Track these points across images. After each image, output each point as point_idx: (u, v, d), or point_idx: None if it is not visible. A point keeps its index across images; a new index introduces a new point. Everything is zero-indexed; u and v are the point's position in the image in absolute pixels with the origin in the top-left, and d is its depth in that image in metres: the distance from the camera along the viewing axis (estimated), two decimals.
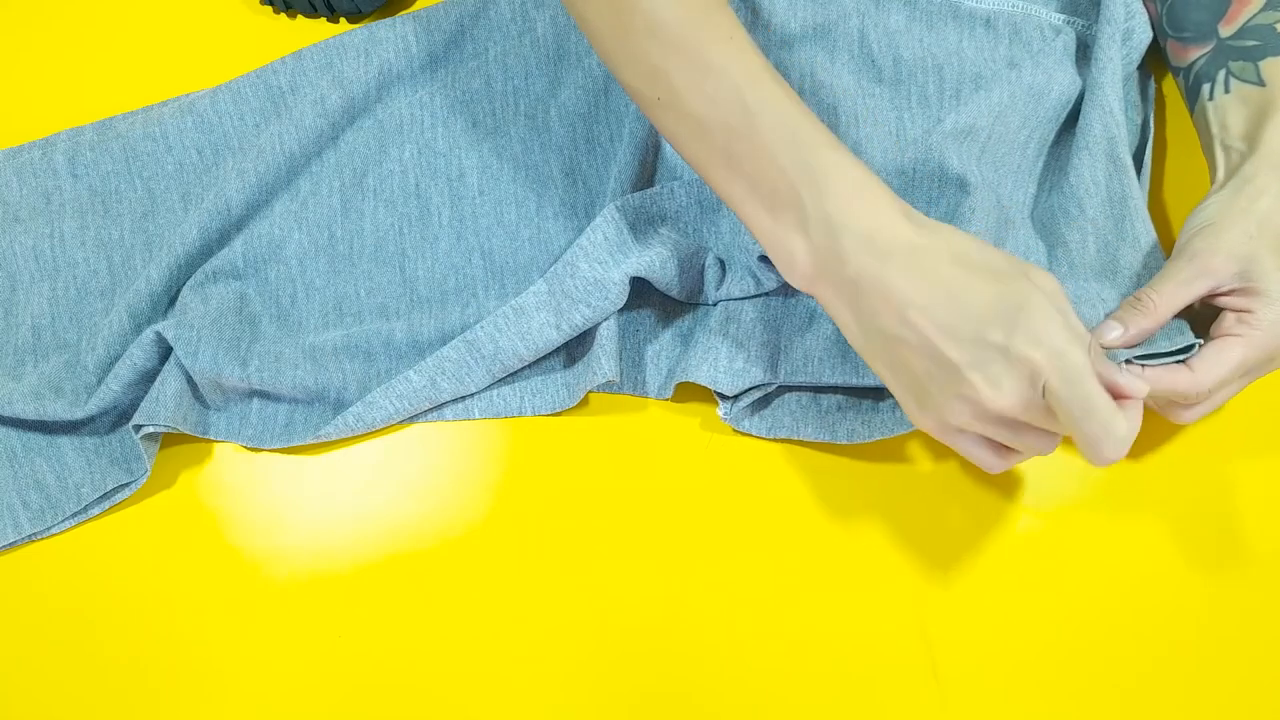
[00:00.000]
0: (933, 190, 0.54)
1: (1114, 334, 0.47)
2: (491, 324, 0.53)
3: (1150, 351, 0.47)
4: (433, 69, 0.60)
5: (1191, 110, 0.54)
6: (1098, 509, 0.53)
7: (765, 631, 0.51)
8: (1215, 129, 0.51)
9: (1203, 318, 0.48)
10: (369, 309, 0.57)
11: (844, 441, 0.52)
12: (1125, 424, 0.41)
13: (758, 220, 0.45)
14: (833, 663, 0.51)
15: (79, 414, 0.55)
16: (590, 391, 0.54)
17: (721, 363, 0.52)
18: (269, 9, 0.64)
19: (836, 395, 0.54)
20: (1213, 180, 0.51)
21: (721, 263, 0.54)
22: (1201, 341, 0.47)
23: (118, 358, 0.56)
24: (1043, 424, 0.42)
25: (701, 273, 0.55)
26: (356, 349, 0.55)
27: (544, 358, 0.55)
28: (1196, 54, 0.53)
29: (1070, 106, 0.57)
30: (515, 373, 0.55)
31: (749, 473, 0.54)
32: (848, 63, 0.58)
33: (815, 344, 0.52)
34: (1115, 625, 0.51)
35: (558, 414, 0.55)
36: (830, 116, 0.57)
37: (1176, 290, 0.47)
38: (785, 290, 0.54)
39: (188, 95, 0.61)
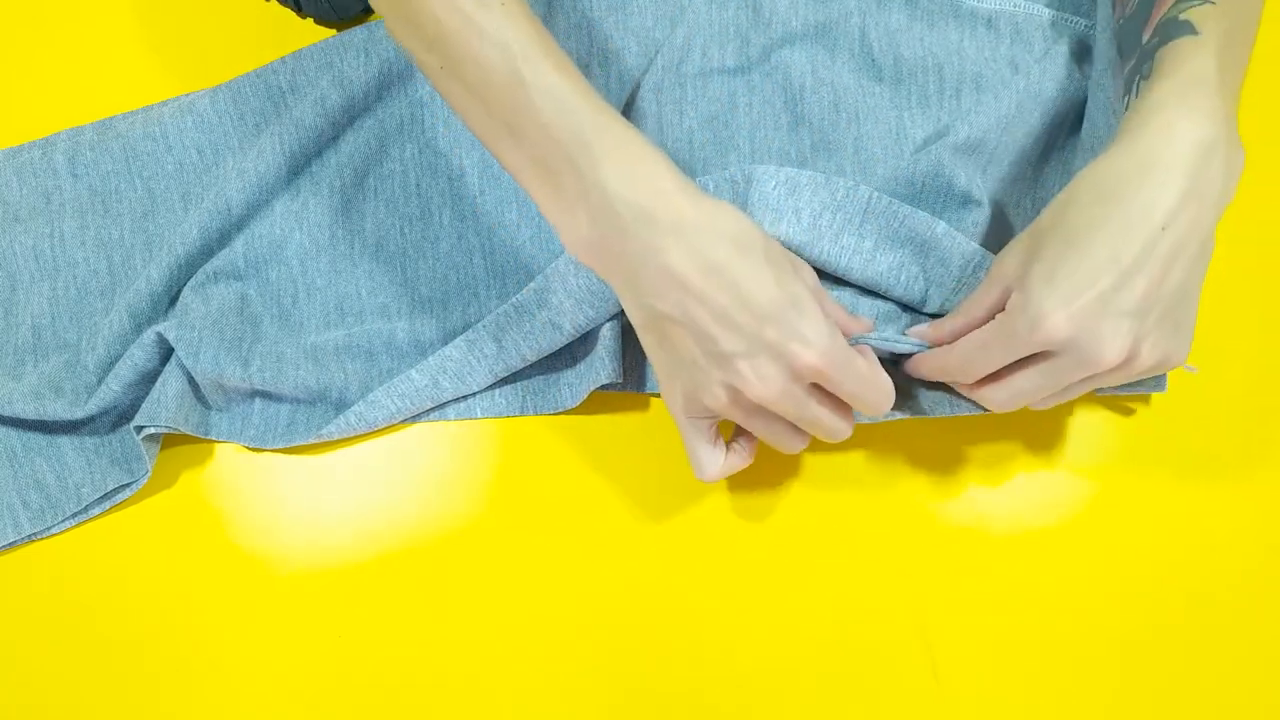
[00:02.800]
0: (938, 203, 0.53)
1: (917, 336, 0.49)
2: (494, 323, 0.53)
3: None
4: None
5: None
6: (1098, 509, 0.53)
7: (765, 631, 0.52)
8: None
9: None
10: (370, 309, 0.57)
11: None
12: (886, 378, 0.45)
13: (540, 193, 0.44)
14: (833, 662, 0.51)
15: (79, 414, 0.55)
16: (593, 391, 0.54)
17: None
18: (269, 8, 0.64)
19: None
20: None
21: None
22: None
23: (118, 358, 0.56)
24: (790, 415, 0.44)
25: None
26: (358, 349, 0.55)
27: (546, 357, 0.55)
28: (1128, 68, 0.49)
29: (1074, 109, 0.57)
30: (517, 372, 0.55)
31: (749, 472, 0.54)
32: (848, 61, 0.58)
33: None
34: (1115, 625, 0.51)
35: (560, 414, 0.55)
36: (831, 114, 0.57)
37: (975, 298, 0.47)
38: None
39: (188, 95, 0.61)
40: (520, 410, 0.55)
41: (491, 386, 0.55)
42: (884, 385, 0.45)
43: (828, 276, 0.53)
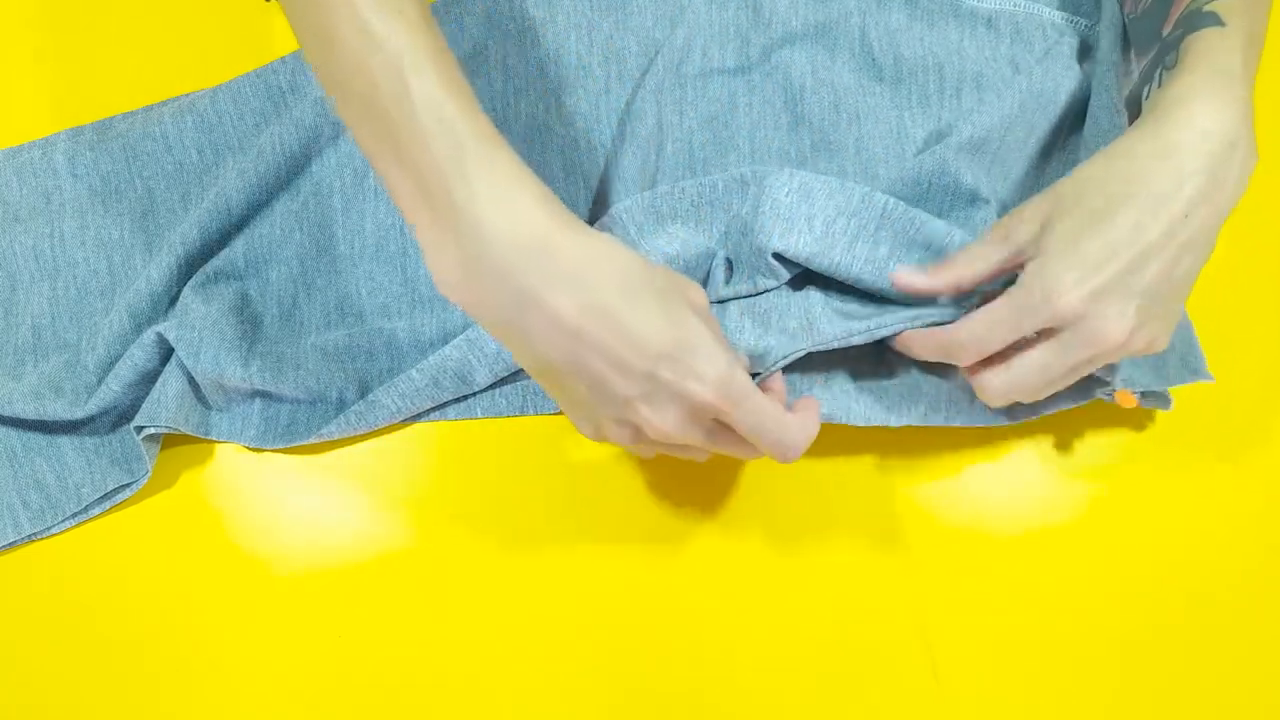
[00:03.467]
0: (945, 202, 0.53)
1: (908, 276, 0.47)
2: None
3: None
4: None
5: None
6: (1098, 509, 0.53)
7: (765, 631, 0.51)
8: None
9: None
10: (371, 309, 0.57)
11: (860, 423, 0.52)
12: (796, 424, 0.42)
13: (419, 221, 0.40)
14: (833, 663, 0.51)
15: (79, 414, 0.55)
16: None
17: None
18: (269, 8, 0.64)
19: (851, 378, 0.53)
20: None
21: (729, 261, 0.54)
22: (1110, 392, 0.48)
23: (118, 358, 0.56)
24: (694, 444, 0.43)
25: (705, 278, 0.54)
26: (359, 349, 0.55)
27: None
28: (1146, 60, 0.50)
29: (1076, 107, 0.57)
30: (517, 372, 0.55)
31: (749, 473, 0.54)
32: (848, 61, 0.58)
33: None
34: (1115, 625, 0.51)
35: (560, 413, 0.55)
36: (831, 114, 0.57)
37: (980, 250, 0.46)
38: (791, 286, 0.54)
39: (188, 95, 0.61)
40: (520, 410, 0.55)
41: (491, 386, 0.55)
42: (787, 423, 0.42)
43: (834, 284, 0.53)
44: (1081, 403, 0.50)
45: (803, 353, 0.49)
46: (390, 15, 0.39)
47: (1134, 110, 0.51)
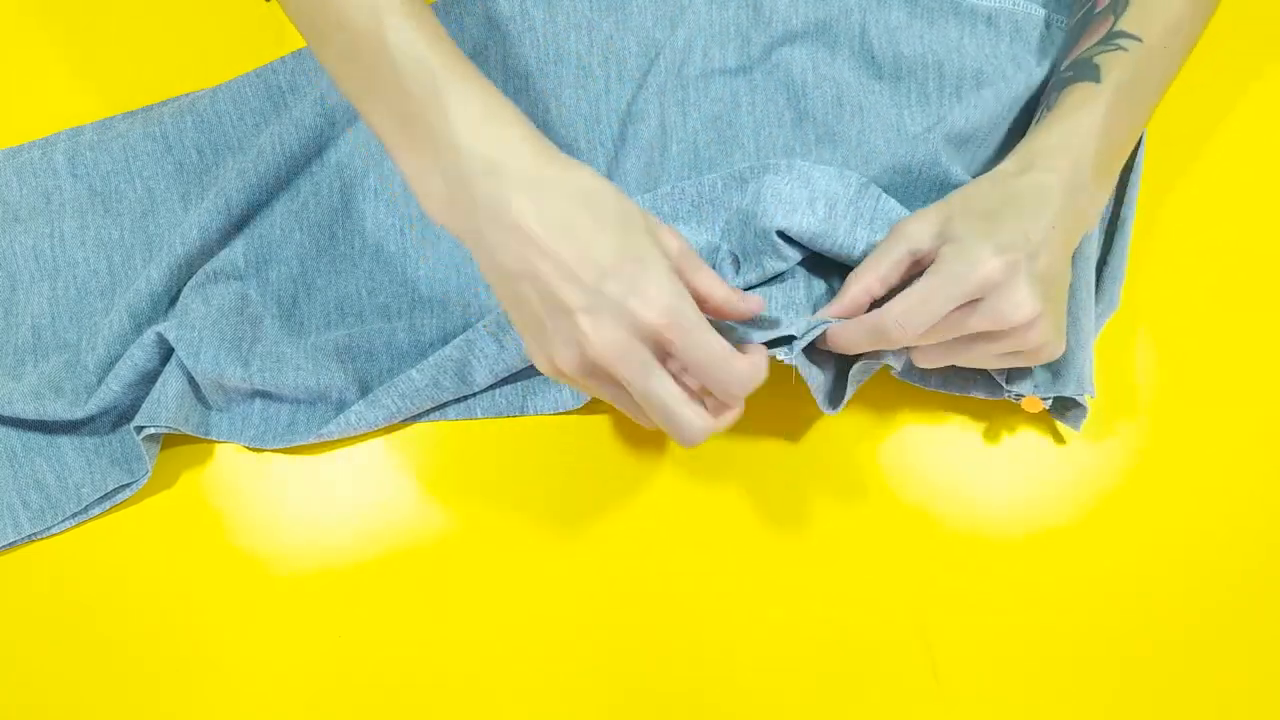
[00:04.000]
0: (931, 193, 0.54)
1: (837, 327, 0.49)
2: (494, 323, 0.53)
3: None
4: None
5: None
6: (1098, 509, 0.53)
7: (765, 631, 0.51)
8: None
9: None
10: (370, 309, 0.57)
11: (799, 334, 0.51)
12: (743, 363, 0.43)
13: (399, 154, 0.44)
14: (833, 663, 0.51)
15: (79, 414, 0.55)
16: None
17: None
18: (269, 8, 0.64)
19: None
20: None
21: (735, 255, 0.54)
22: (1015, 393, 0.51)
23: (118, 358, 0.56)
24: (634, 384, 0.42)
25: (714, 266, 0.54)
26: (358, 349, 0.55)
27: None
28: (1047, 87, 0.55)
29: None
30: (518, 372, 0.55)
31: (749, 472, 0.54)
32: (849, 59, 0.58)
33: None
34: (1115, 625, 0.51)
35: (561, 414, 0.55)
36: (834, 108, 0.57)
37: (881, 249, 0.49)
38: (803, 268, 0.54)
39: (188, 95, 0.61)
40: (520, 410, 0.55)
41: (491, 386, 0.55)
42: (734, 363, 0.42)
43: (837, 274, 0.53)
44: (992, 397, 0.52)
45: (813, 333, 0.49)
46: None
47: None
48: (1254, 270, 0.56)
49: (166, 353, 0.55)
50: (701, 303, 0.45)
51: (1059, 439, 0.54)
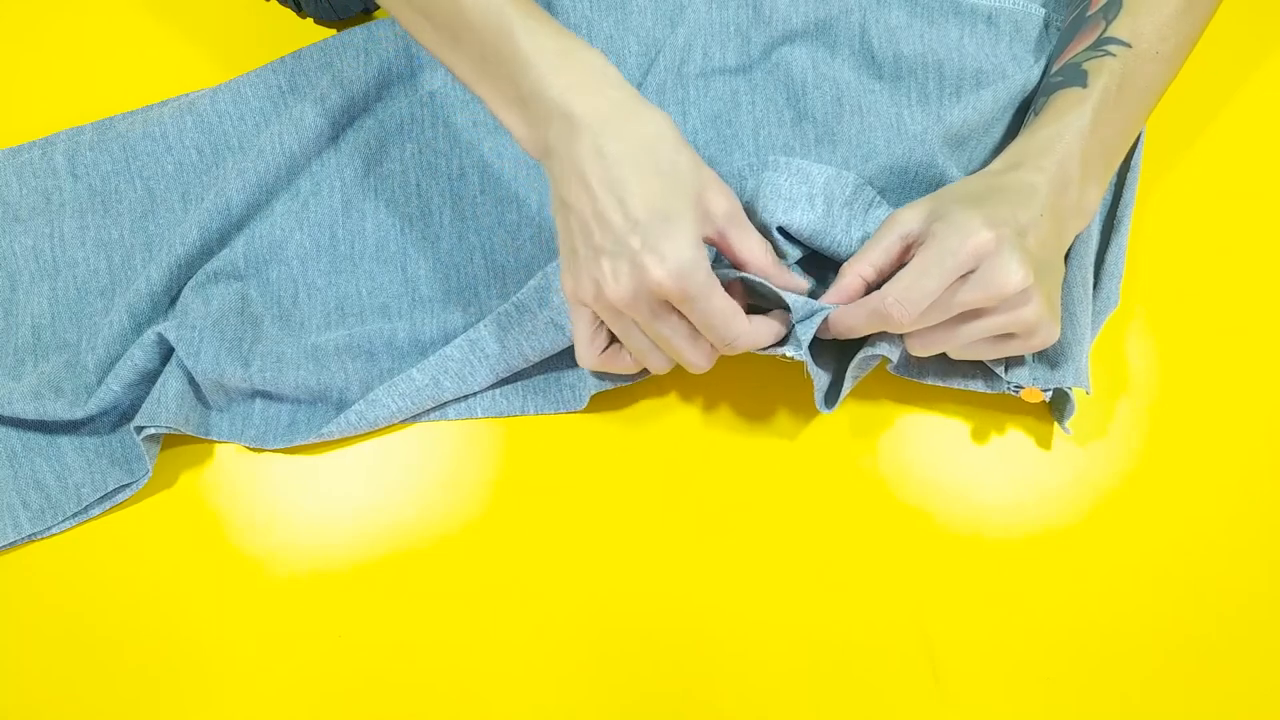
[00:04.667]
0: (927, 193, 0.54)
1: (839, 312, 0.49)
2: (495, 322, 0.53)
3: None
4: (433, 68, 0.60)
5: None
6: (1098, 509, 0.53)
7: (765, 631, 0.51)
8: None
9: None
10: (371, 309, 0.57)
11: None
12: (745, 323, 0.46)
13: (488, 97, 0.47)
14: (833, 663, 0.51)
15: (79, 414, 0.55)
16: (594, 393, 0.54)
17: None
18: (269, 8, 0.64)
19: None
20: None
21: None
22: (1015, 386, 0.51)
23: (118, 358, 0.56)
24: (642, 324, 0.46)
25: (713, 262, 0.54)
26: (359, 349, 0.55)
27: (549, 357, 0.54)
28: (1036, 91, 0.56)
29: None
30: (519, 371, 0.55)
31: (749, 472, 0.54)
32: (849, 58, 0.58)
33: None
34: (1115, 625, 0.51)
35: (561, 413, 0.55)
36: (834, 108, 0.57)
37: (869, 245, 0.49)
38: (800, 266, 0.54)
39: (188, 95, 0.61)
40: (521, 410, 0.55)
41: (492, 386, 0.55)
42: (737, 324, 0.46)
43: (826, 263, 0.53)
44: (991, 390, 0.52)
45: (815, 320, 0.49)
46: None
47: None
48: (1253, 268, 0.56)
49: (166, 353, 0.55)
50: (743, 266, 0.48)
51: (1061, 439, 0.54)
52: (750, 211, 0.52)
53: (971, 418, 0.54)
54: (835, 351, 0.54)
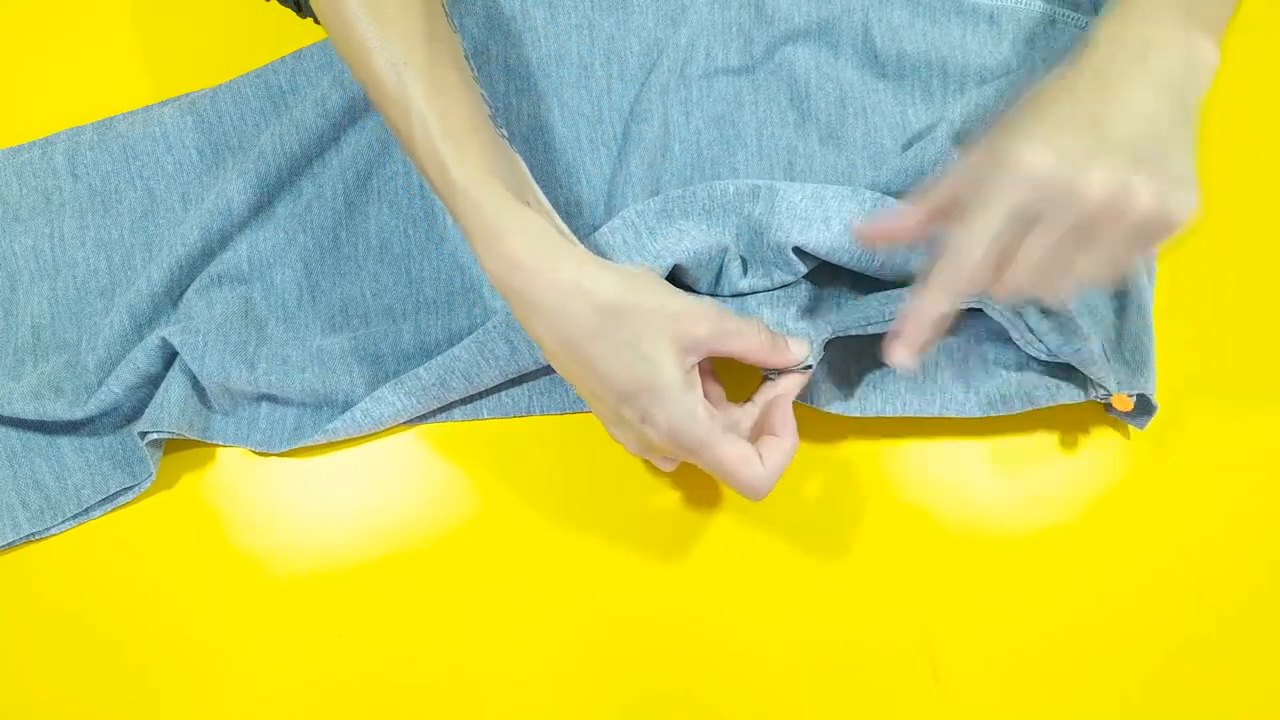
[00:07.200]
0: None
1: (878, 223, 0.47)
2: (503, 323, 0.53)
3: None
4: None
5: None
6: (1098, 509, 0.53)
7: (765, 632, 0.52)
8: None
9: None
10: (375, 311, 0.57)
11: (856, 414, 0.52)
12: (757, 468, 0.45)
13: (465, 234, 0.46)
14: (833, 663, 0.51)
15: (79, 414, 0.54)
16: None
17: None
18: (269, 8, 0.64)
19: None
20: None
21: (743, 259, 0.54)
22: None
23: (118, 358, 0.55)
24: (673, 459, 0.49)
25: (719, 271, 0.54)
26: (364, 351, 0.55)
27: None
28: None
29: None
30: (526, 374, 0.55)
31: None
32: (852, 57, 0.58)
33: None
34: (1115, 625, 0.51)
35: (565, 414, 0.55)
36: (838, 109, 0.57)
37: (949, 179, 0.44)
38: (809, 280, 0.54)
39: (188, 95, 0.61)
40: (527, 410, 0.55)
41: (498, 387, 0.55)
42: (749, 470, 0.45)
43: (846, 282, 0.54)
44: (1076, 400, 0.50)
45: (828, 337, 0.49)
46: (420, 83, 0.44)
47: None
48: (1253, 268, 0.56)
49: (169, 356, 0.55)
50: (744, 361, 0.47)
51: (1061, 439, 0.54)
52: (764, 227, 0.52)
53: (971, 418, 0.54)
54: (841, 351, 0.54)
